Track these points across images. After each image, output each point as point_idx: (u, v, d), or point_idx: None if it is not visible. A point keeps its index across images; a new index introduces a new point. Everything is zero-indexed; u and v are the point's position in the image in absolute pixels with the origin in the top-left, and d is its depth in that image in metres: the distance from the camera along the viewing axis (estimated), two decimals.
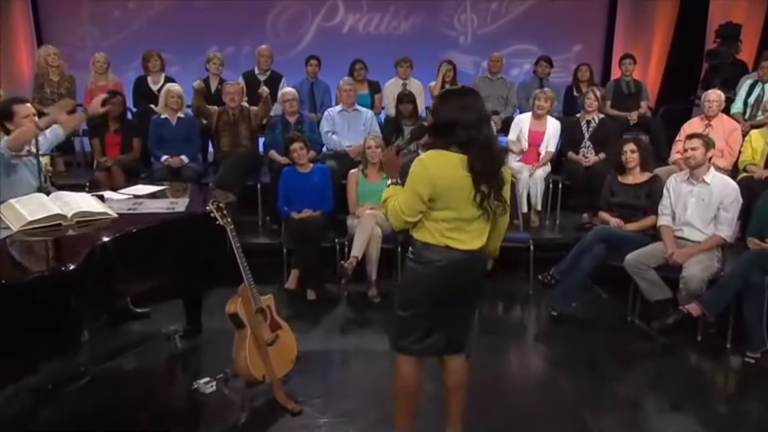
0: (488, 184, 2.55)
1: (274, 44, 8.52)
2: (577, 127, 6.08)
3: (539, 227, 5.91)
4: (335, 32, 8.80)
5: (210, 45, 8.32)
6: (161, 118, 5.92)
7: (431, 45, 8.55)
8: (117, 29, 8.35)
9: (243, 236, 5.39)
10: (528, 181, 5.79)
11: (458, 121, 2.51)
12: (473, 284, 2.72)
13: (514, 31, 8.95)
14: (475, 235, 2.64)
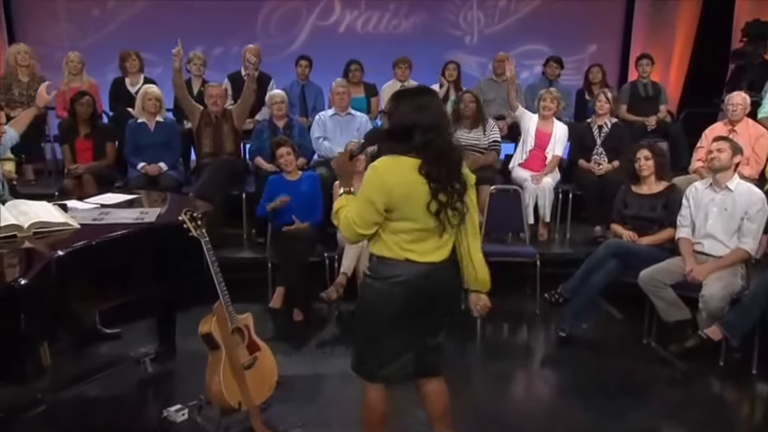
0: (446, 192, 2.50)
1: (266, 44, 8.55)
2: (588, 132, 6.06)
3: (547, 241, 5.88)
4: (331, 32, 8.81)
5: (196, 45, 8.27)
6: (138, 122, 5.89)
7: (434, 45, 8.55)
8: (96, 27, 8.36)
9: (226, 250, 5.63)
10: (534, 191, 5.75)
11: (415, 123, 2.46)
12: (441, 299, 2.66)
13: (523, 31, 8.94)
14: (438, 246, 2.59)
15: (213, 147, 5.91)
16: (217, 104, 5.88)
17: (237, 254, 5.60)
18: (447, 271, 2.64)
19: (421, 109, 2.47)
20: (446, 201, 2.50)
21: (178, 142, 6.03)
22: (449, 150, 2.50)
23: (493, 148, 5.98)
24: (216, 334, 3.52)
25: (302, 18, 8.76)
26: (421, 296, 2.58)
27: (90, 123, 5.88)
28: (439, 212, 2.51)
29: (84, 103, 5.80)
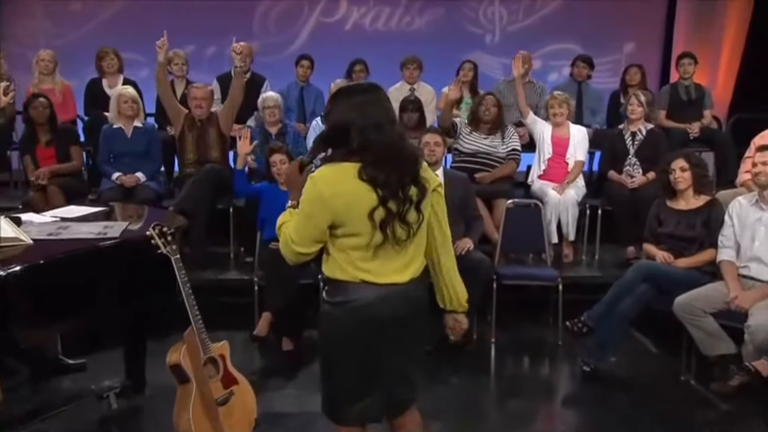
0: (397, 199, 2.41)
1: (264, 43, 8.59)
2: (619, 140, 6.03)
3: (573, 263, 5.86)
4: (336, 29, 8.85)
5: (187, 44, 8.31)
6: (113, 128, 5.88)
7: (451, 44, 8.56)
8: (75, 25, 8.43)
9: (210, 271, 5.61)
10: (557, 206, 5.69)
11: (350, 123, 2.39)
12: (408, 327, 2.55)
13: (552, 28, 8.92)
14: (403, 264, 2.51)
15: (197, 155, 5.89)
16: (201, 107, 5.85)
17: (222, 275, 5.58)
18: (415, 293, 2.54)
19: (358, 107, 2.40)
20: (396, 210, 2.41)
21: (159, 149, 6.02)
22: (397, 150, 2.41)
23: (512, 156, 5.95)
24: (186, 364, 3.49)
25: (304, 14, 8.80)
26: (381, 323, 2.48)
27: (49, 128, 5.86)
28: (385, 224, 2.41)
29: (38, 106, 5.75)
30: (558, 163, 5.94)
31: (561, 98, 5.98)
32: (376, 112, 2.41)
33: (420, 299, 2.57)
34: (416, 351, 2.70)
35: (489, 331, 5.10)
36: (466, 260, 4.81)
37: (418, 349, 2.71)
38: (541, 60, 8.87)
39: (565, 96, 6.05)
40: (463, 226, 5.07)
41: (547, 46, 8.83)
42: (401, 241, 2.46)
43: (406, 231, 2.45)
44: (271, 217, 5.17)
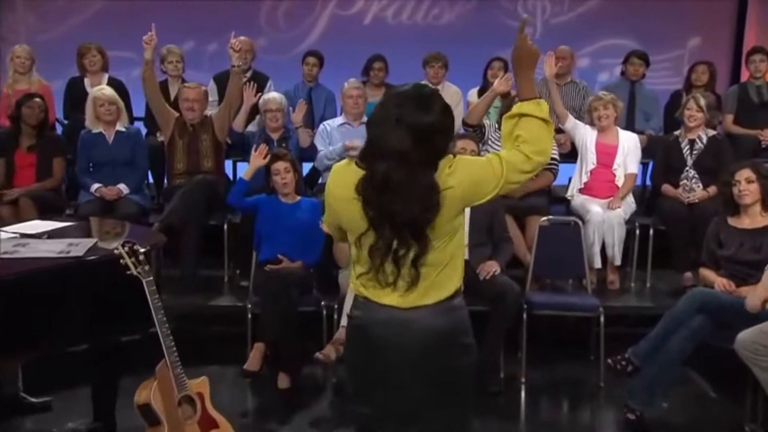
0: (387, 238, 2.39)
1: (273, 40, 8.67)
2: (675, 149, 5.97)
3: (619, 291, 5.79)
4: (354, 23, 8.87)
5: (185, 40, 8.37)
6: (93, 133, 5.91)
7: (485, 40, 8.46)
8: (60, 19, 8.53)
9: (200, 296, 5.60)
10: (601, 224, 5.61)
11: (369, 122, 2.47)
12: (424, 363, 2.48)
13: (602, 21, 8.88)
14: (402, 287, 2.46)
15: (187, 164, 5.90)
16: (193, 110, 5.85)
17: (213, 301, 5.57)
18: (427, 323, 2.47)
19: (380, 106, 2.44)
20: (386, 251, 2.41)
21: (145, 158, 6.04)
22: (408, 187, 2.33)
23: (548, 167, 5.84)
24: (156, 404, 3.48)
25: (317, 7, 8.84)
26: (382, 350, 2.50)
27: (37, 133, 5.92)
28: (371, 255, 2.42)
29: (34, 106, 5.83)
30: (603, 174, 5.87)
31: (606, 98, 5.91)
32: (388, 113, 2.37)
33: (438, 331, 2.47)
34: (448, 400, 2.57)
35: (519, 370, 5.03)
36: (491, 286, 4.83)
37: (451, 398, 2.57)
38: (589, 58, 8.86)
39: (611, 96, 5.98)
40: (490, 248, 5.03)
41: (597, 41, 8.78)
42: (387, 284, 2.46)
43: (394, 275, 2.43)
44: (269, 234, 5.20)
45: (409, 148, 2.31)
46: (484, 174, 2.42)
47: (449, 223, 2.42)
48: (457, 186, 2.38)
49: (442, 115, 2.39)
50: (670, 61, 8.70)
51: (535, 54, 2.56)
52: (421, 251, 2.39)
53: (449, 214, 2.40)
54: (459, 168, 2.40)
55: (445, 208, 2.36)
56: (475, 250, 4.93)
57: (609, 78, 8.43)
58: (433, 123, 2.35)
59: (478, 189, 2.42)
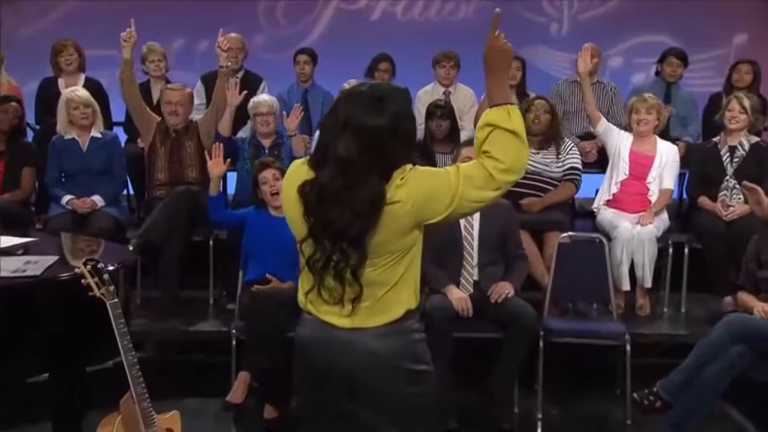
0: (325, 247, 2.43)
1: (272, 36, 8.68)
2: (713, 156, 5.95)
3: (649, 316, 5.74)
4: (360, 19, 8.90)
5: (174, 38, 8.40)
6: (65, 139, 5.90)
7: (507, 37, 8.35)
8: (36, 14, 8.57)
9: (182, 320, 5.57)
10: (630, 241, 5.56)
11: (321, 125, 2.63)
12: (368, 393, 2.51)
13: (636, 16, 8.84)
14: (348, 304, 2.48)
15: (170, 173, 5.90)
16: (176, 114, 5.84)
17: (195, 326, 5.54)
18: (367, 347, 2.47)
19: (331, 127, 2.44)
20: (326, 261, 2.44)
21: (122, 166, 6.04)
22: (347, 197, 2.37)
23: (570, 177, 5.86)
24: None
25: (320, 1, 8.85)
26: (321, 373, 2.54)
27: (8, 139, 5.92)
28: (310, 265, 2.46)
29: (9, 110, 5.87)
30: (635, 186, 5.82)
31: (651, 102, 5.85)
32: (337, 114, 2.41)
33: (378, 356, 2.48)
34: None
35: (535, 405, 4.96)
36: (503, 310, 4.79)
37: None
38: (622, 57, 8.81)
39: (656, 100, 5.94)
40: (502, 268, 4.99)
41: (630, 39, 8.76)
42: (333, 300, 2.48)
43: (338, 291, 2.45)
44: (257, 251, 5.16)
45: (354, 154, 2.33)
46: (438, 188, 2.38)
47: (399, 240, 2.41)
48: (407, 200, 2.36)
49: (396, 119, 2.38)
50: (712, 61, 8.61)
51: (507, 52, 2.54)
52: (359, 263, 2.40)
53: (397, 230, 2.39)
54: (411, 180, 2.37)
55: (391, 223, 2.37)
56: (485, 269, 4.90)
57: (645, 80, 8.33)
58: (383, 127, 2.35)
59: (431, 205, 2.39)
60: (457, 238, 4.89)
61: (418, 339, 2.53)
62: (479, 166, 2.37)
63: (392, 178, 2.35)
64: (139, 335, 5.31)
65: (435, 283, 4.81)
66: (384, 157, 2.34)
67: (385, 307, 2.48)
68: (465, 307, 4.71)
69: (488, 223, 4.94)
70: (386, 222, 2.35)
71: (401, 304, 2.48)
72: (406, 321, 2.49)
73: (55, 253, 4.05)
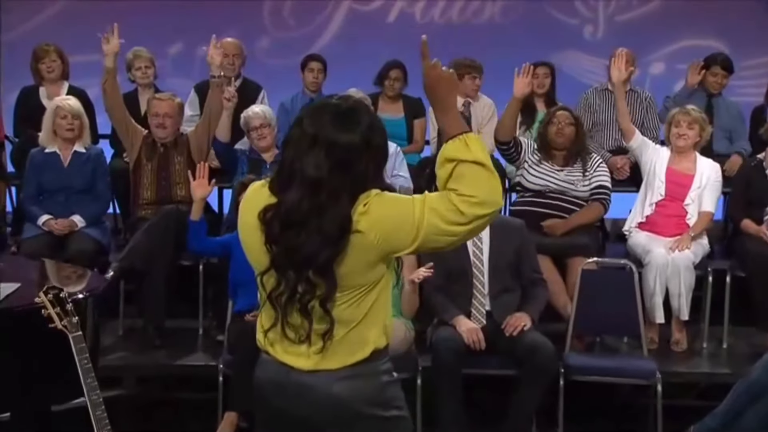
0: (289, 278, 2.39)
1: (278, 39, 8.67)
2: (758, 175, 5.95)
3: (686, 353, 5.66)
4: (375, 20, 8.90)
5: (171, 42, 8.44)
6: (45, 152, 5.90)
7: (535, 40, 8.54)
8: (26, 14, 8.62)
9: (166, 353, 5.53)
10: (664, 268, 5.50)
11: (284, 142, 2.50)
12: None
13: (679, 18, 8.81)
14: (316, 342, 2.44)
15: (157, 191, 5.90)
16: (164, 126, 5.83)
17: (182, 360, 5.49)
18: (327, 391, 2.46)
19: (297, 143, 2.40)
20: (290, 294, 2.40)
21: (106, 184, 6.04)
22: (315, 221, 2.34)
23: (598, 197, 5.80)
24: None
25: (331, 2, 8.83)
26: (279, 420, 2.54)
27: None
28: (272, 299, 2.43)
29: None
30: (672, 208, 5.79)
31: (694, 115, 5.81)
32: (304, 132, 2.37)
33: (340, 402, 2.45)
34: None
35: None
36: (519, 344, 4.74)
37: None
38: (664, 62, 8.75)
39: (699, 113, 5.88)
40: (518, 295, 4.95)
41: (671, 43, 8.72)
42: (297, 338, 2.45)
43: (305, 329, 2.42)
44: (247, 279, 5.04)
45: (325, 173, 2.30)
46: (401, 220, 2.33)
47: (364, 273, 2.38)
48: (368, 231, 2.32)
49: (368, 133, 2.34)
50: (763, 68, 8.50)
51: (448, 79, 2.45)
52: (329, 293, 2.37)
53: (362, 261, 2.35)
54: (374, 208, 2.33)
55: (356, 253, 2.33)
56: (498, 298, 4.88)
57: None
58: (353, 143, 2.33)
59: (395, 236, 2.34)
60: (465, 263, 4.85)
61: (388, 381, 2.50)
62: (446, 200, 2.31)
63: (358, 201, 2.33)
64: (120, 369, 5.38)
65: (443, 313, 4.78)
66: (355, 175, 2.32)
67: (349, 347, 2.44)
68: (476, 339, 4.67)
69: (499, 246, 4.91)
70: (351, 251, 2.32)
71: (368, 344, 2.45)
72: (373, 362, 2.45)
73: (20, 279, 4.03)
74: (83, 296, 3.69)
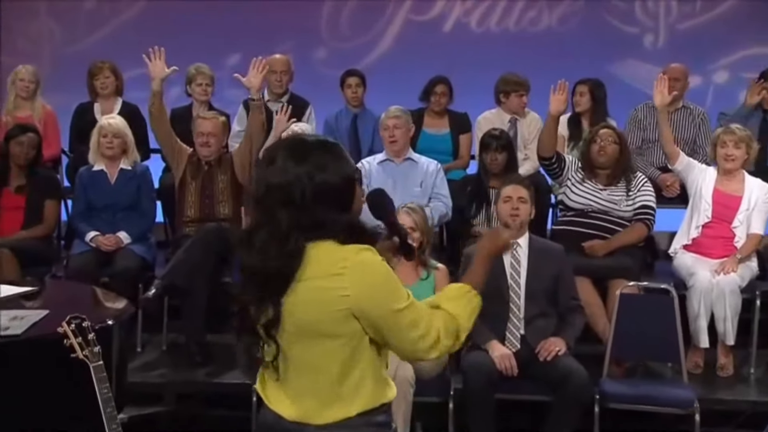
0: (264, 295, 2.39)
1: (334, 50, 8.66)
2: None
3: (731, 378, 5.53)
4: (431, 30, 8.79)
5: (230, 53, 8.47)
6: (93, 170, 5.99)
7: (593, 49, 8.42)
8: (89, 27, 8.74)
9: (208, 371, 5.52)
10: (708, 292, 5.38)
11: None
12: None
13: (746, 24, 8.57)
14: (289, 389, 2.47)
15: (200, 209, 5.91)
16: (208, 145, 5.84)
17: (220, 378, 5.48)
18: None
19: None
20: (257, 316, 2.41)
21: (152, 201, 6.11)
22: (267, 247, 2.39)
23: (641, 217, 5.70)
24: None
25: (388, 11, 8.80)
26: None
27: (27, 171, 6.03)
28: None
29: (24, 142, 5.97)
30: (719, 230, 5.67)
31: (740, 134, 5.66)
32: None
33: None
34: None
35: None
36: (552, 370, 4.66)
37: None
38: (728, 71, 8.55)
39: (744, 131, 5.72)
40: (553, 320, 4.87)
41: (738, 50, 8.50)
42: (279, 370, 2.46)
43: (271, 354, 2.44)
44: None
45: (262, 193, 2.39)
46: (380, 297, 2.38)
47: (333, 324, 2.36)
48: (346, 288, 2.34)
49: (312, 169, 2.36)
50: None
51: (505, 249, 2.73)
52: (275, 317, 2.37)
53: (327, 312, 2.36)
54: (351, 273, 2.35)
55: (321, 303, 2.35)
56: (533, 323, 4.81)
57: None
58: (297, 175, 2.35)
59: (370, 305, 2.36)
60: (501, 286, 4.79)
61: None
62: (428, 322, 2.40)
63: (325, 249, 2.35)
64: (160, 387, 5.40)
65: (476, 337, 4.68)
66: (298, 207, 2.34)
67: (331, 402, 2.42)
68: (508, 365, 4.61)
69: (537, 270, 4.84)
70: (314, 298, 2.34)
71: (353, 404, 2.41)
72: (358, 423, 2.42)
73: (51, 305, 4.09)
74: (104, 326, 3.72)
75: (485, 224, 5.84)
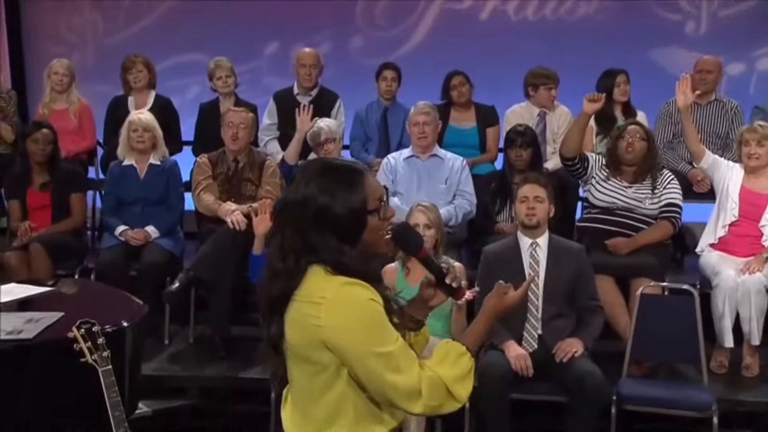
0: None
1: (370, 40, 8.64)
2: None
3: (756, 379, 5.41)
4: (467, 19, 8.68)
5: (268, 41, 8.50)
6: (122, 165, 6.04)
7: (633, 37, 8.27)
8: (129, 19, 8.79)
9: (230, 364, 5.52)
10: (733, 291, 5.29)
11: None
12: None
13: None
14: (290, 402, 2.54)
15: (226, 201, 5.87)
16: (237, 138, 5.82)
17: (240, 372, 5.47)
18: None
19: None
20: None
21: (180, 196, 6.14)
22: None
23: (667, 215, 5.59)
24: None
25: (423, 1, 8.70)
26: None
27: (49, 167, 6.06)
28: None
29: (39, 139, 5.98)
30: (745, 229, 5.59)
31: (763, 132, 5.54)
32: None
33: None
34: None
35: None
36: (569, 371, 4.61)
37: None
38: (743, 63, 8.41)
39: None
40: (572, 321, 4.82)
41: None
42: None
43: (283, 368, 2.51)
44: None
45: (279, 207, 2.47)
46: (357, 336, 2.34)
47: (308, 349, 2.35)
48: (319, 315, 2.32)
49: (311, 192, 2.37)
50: None
51: (516, 309, 2.75)
52: (278, 330, 2.39)
53: (304, 336, 2.35)
54: (329, 306, 2.33)
55: (299, 327, 2.35)
56: (551, 323, 4.75)
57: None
58: (302, 197, 2.37)
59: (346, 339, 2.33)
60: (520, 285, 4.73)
61: None
62: (416, 373, 2.35)
63: (316, 274, 2.35)
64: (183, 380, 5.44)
65: (493, 336, 4.64)
66: (299, 229, 2.36)
67: (312, 425, 2.43)
68: (523, 366, 4.57)
69: (556, 269, 4.80)
70: (296, 320, 2.34)
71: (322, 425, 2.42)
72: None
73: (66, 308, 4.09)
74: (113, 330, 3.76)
75: (508, 221, 5.80)
